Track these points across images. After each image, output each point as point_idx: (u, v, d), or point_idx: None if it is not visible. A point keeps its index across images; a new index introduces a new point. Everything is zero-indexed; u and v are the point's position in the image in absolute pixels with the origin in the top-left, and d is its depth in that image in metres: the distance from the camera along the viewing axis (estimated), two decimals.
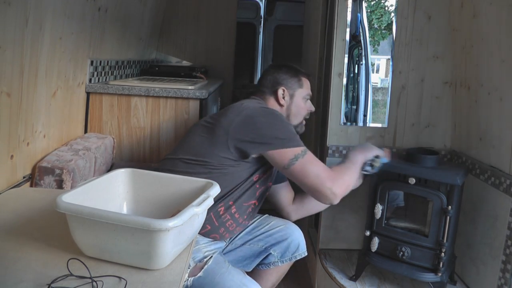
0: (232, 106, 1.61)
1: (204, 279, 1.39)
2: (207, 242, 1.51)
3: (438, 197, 1.71)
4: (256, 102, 1.67)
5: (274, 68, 1.79)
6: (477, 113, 1.89)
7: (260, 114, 1.54)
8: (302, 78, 1.76)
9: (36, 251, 0.99)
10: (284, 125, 1.55)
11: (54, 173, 1.54)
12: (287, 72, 1.75)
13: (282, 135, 1.50)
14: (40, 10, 1.51)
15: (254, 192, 1.59)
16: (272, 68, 1.79)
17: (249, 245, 1.69)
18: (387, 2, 2.35)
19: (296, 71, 1.77)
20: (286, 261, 1.71)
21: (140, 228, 0.88)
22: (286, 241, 1.69)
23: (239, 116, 1.52)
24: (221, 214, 1.52)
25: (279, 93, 1.71)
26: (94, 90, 2.12)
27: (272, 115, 1.56)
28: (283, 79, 1.73)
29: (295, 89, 1.74)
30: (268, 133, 1.49)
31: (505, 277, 1.61)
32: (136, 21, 2.80)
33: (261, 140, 1.48)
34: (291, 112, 1.73)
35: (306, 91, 1.77)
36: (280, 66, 1.78)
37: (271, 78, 1.74)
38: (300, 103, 1.74)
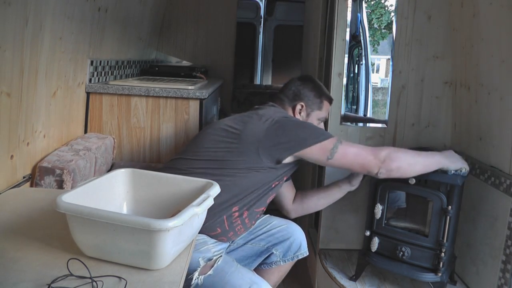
0: (255, 113, 1.63)
1: (214, 277, 1.40)
2: (214, 242, 1.52)
3: (438, 197, 1.71)
4: (277, 110, 1.69)
5: (301, 81, 1.79)
6: (477, 113, 1.89)
7: (288, 118, 1.61)
8: (324, 101, 1.78)
9: (36, 251, 0.99)
10: (311, 125, 1.63)
11: (54, 173, 1.54)
12: (312, 90, 1.76)
13: (313, 132, 1.56)
14: (40, 10, 1.51)
15: (266, 199, 1.64)
16: (299, 80, 1.80)
17: (251, 244, 1.70)
18: (387, 2, 2.35)
19: (320, 92, 1.78)
20: (288, 261, 1.72)
21: (140, 228, 0.88)
22: (288, 241, 1.70)
23: (268, 123, 1.55)
24: (233, 220, 1.55)
25: (297, 108, 1.74)
26: (94, 90, 2.12)
27: (297, 120, 1.64)
28: (306, 96, 1.75)
29: (314, 109, 1.76)
30: (300, 133, 1.55)
31: (505, 277, 1.61)
32: (136, 21, 2.80)
33: (297, 141, 1.52)
34: None
35: (323, 114, 1.79)
36: (307, 81, 1.79)
37: (295, 90, 1.76)
38: (314, 122, 1.76)
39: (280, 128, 1.54)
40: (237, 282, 1.39)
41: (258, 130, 1.54)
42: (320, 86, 1.80)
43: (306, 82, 1.78)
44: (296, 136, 1.53)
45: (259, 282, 1.43)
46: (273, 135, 1.53)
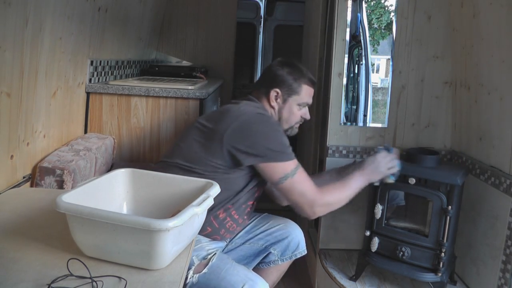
0: (228, 110, 1.55)
1: (209, 275, 1.40)
2: (208, 241, 1.52)
3: (438, 197, 1.71)
4: (253, 105, 1.59)
5: (279, 65, 1.66)
6: (477, 113, 1.89)
7: (256, 121, 1.49)
8: (303, 85, 1.64)
9: (36, 251, 0.99)
10: (278, 136, 1.49)
11: (55, 174, 1.54)
12: (289, 74, 1.63)
13: (275, 147, 1.46)
14: (40, 10, 1.51)
15: (252, 194, 1.60)
16: (276, 65, 1.67)
17: (249, 244, 1.69)
18: (387, 2, 2.35)
19: (299, 75, 1.64)
20: (286, 260, 1.71)
21: (140, 228, 0.88)
22: (286, 240, 1.69)
23: (235, 122, 1.47)
24: (220, 217, 1.53)
25: (271, 95, 1.62)
26: (94, 90, 2.12)
27: (267, 123, 1.51)
28: (281, 80, 1.62)
29: (291, 94, 1.63)
30: (261, 143, 1.45)
31: (505, 277, 1.61)
32: (136, 21, 2.80)
33: (254, 151, 1.44)
34: (282, 116, 1.65)
35: (303, 99, 1.65)
36: (284, 64, 1.66)
37: (271, 75, 1.64)
38: (292, 109, 1.64)
39: (246, 131, 1.46)
40: (232, 279, 1.39)
41: (225, 127, 1.46)
42: (298, 68, 1.65)
43: (283, 65, 1.65)
44: (255, 146, 1.44)
45: (254, 278, 1.42)
46: (237, 136, 1.45)
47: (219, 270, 1.41)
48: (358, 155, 2.15)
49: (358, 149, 2.16)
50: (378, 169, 1.64)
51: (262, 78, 1.70)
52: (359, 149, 2.16)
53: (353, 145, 2.16)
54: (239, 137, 1.45)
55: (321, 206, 1.53)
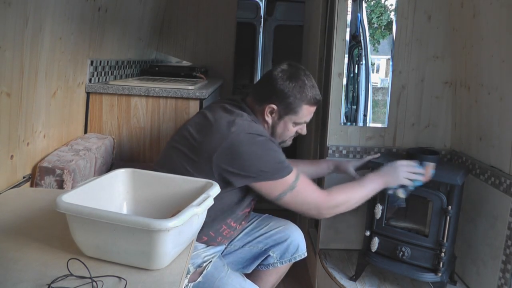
0: (219, 124, 1.42)
1: (203, 284, 1.39)
2: (205, 247, 1.50)
3: (438, 197, 1.71)
4: (245, 119, 1.45)
5: (282, 75, 1.48)
6: (477, 113, 1.89)
7: (246, 143, 1.37)
8: (304, 106, 1.49)
9: (36, 251, 0.99)
10: (270, 155, 1.40)
11: (55, 173, 1.54)
12: (291, 90, 1.47)
13: (268, 168, 1.38)
14: (40, 10, 1.51)
15: (249, 202, 1.57)
16: (280, 75, 1.49)
17: (248, 247, 1.68)
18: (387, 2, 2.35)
19: (302, 93, 1.48)
20: (285, 262, 1.70)
21: (140, 228, 0.88)
22: (285, 243, 1.68)
23: (224, 143, 1.37)
24: (217, 227, 1.50)
25: (266, 110, 1.49)
26: (94, 90, 2.12)
27: (258, 144, 1.39)
28: (280, 96, 1.47)
29: (288, 113, 1.50)
30: (253, 165, 1.37)
31: (505, 277, 1.61)
32: (136, 21, 2.80)
33: (247, 173, 1.37)
34: (275, 131, 1.54)
35: (301, 119, 1.53)
36: (288, 77, 1.48)
37: (270, 86, 1.49)
38: (288, 126, 1.53)
39: (236, 154, 1.36)
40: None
41: (214, 146, 1.37)
42: (303, 84, 1.48)
43: (287, 78, 1.48)
44: (247, 168, 1.37)
45: (248, 287, 1.42)
46: (227, 158, 1.36)
47: (213, 279, 1.40)
48: (358, 155, 2.15)
49: (358, 149, 2.16)
50: (397, 173, 1.59)
51: (261, 86, 1.55)
52: (359, 149, 2.16)
53: (353, 145, 2.16)
54: (229, 159, 1.36)
55: (328, 209, 1.50)
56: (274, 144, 1.46)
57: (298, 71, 1.51)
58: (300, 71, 1.51)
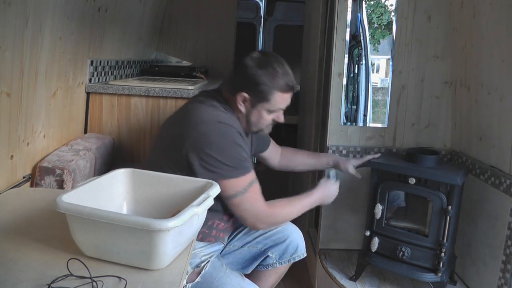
0: (190, 113, 1.43)
1: (202, 284, 1.39)
2: (203, 246, 1.49)
3: (438, 197, 1.71)
4: (217, 108, 1.45)
5: (254, 63, 1.45)
6: (477, 113, 1.89)
7: (214, 132, 1.38)
8: (276, 92, 1.45)
9: (36, 251, 0.99)
10: (233, 150, 1.39)
11: (55, 173, 1.54)
12: (262, 77, 1.43)
13: (229, 161, 1.36)
14: (40, 10, 1.51)
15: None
16: (251, 63, 1.46)
17: (247, 247, 1.68)
18: (387, 2, 2.35)
19: (274, 80, 1.44)
20: (284, 263, 1.69)
21: (140, 228, 0.88)
22: (284, 243, 1.67)
23: (194, 132, 1.38)
24: (209, 223, 1.49)
25: (238, 99, 1.46)
26: (94, 90, 2.12)
27: (225, 135, 1.39)
28: (252, 83, 1.44)
29: (260, 100, 1.46)
30: (216, 157, 1.36)
31: (505, 277, 1.61)
32: (136, 21, 2.80)
33: (209, 166, 1.36)
34: (250, 120, 1.50)
35: (273, 107, 1.48)
36: (259, 64, 1.45)
37: (242, 74, 1.46)
38: (262, 114, 1.49)
39: (203, 143, 1.36)
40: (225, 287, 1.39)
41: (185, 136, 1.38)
42: (274, 70, 1.44)
43: (258, 66, 1.44)
44: (214, 159, 1.35)
45: (248, 287, 1.42)
46: (196, 148, 1.36)
47: (211, 279, 1.40)
48: (358, 155, 2.15)
49: (358, 149, 2.16)
50: (333, 196, 1.70)
51: (234, 74, 1.52)
52: (359, 149, 2.16)
53: (353, 145, 2.16)
54: (197, 148, 1.37)
55: (265, 223, 1.50)
56: (241, 138, 1.45)
57: (270, 58, 1.49)
58: (271, 59, 1.49)
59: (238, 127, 1.45)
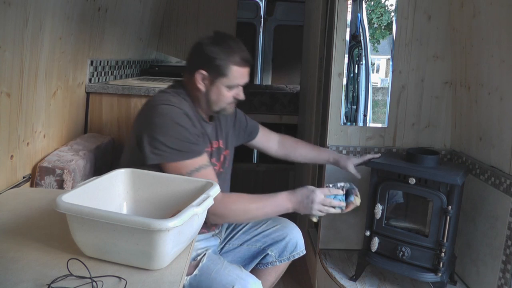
0: (147, 101, 1.47)
1: (200, 276, 1.39)
2: (198, 239, 1.49)
3: (438, 197, 1.71)
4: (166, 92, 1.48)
5: (208, 41, 1.46)
6: (477, 113, 1.89)
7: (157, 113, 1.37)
8: (232, 67, 1.44)
9: (36, 251, 0.99)
10: (176, 130, 1.36)
11: (55, 173, 1.54)
12: (217, 53, 1.44)
13: (173, 144, 1.34)
14: (40, 10, 1.51)
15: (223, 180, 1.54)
16: (206, 41, 1.47)
17: (246, 245, 1.68)
18: (387, 2, 2.35)
19: (229, 54, 1.44)
20: (284, 261, 1.70)
21: (140, 228, 0.88)
22: (283, 241, 1.68)
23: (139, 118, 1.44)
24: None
25: (197, 77, 1.45)
26: (94, 90, 2.12)
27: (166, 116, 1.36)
28: (208, 60, 1.44)
29: (217, 76, 1.45)
30: (160, 139, 1.34)
31: (505, 277, 1.61)
32: (136, 21, 2.80)
33: (155, 150, 1.34)
34: (210, 99, 1.48)
35: (232, 81, 1.46)
36: (213, 41, 1.47)
37: (197, 54, 1.47)
38: (221, 91, 1.47)
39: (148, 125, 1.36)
40: (223, 279, 1.38)
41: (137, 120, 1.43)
42: (228, 46, 1.46)
43: (212, 43, 1.46)
44: (158, 141, 1.33)
45: (245, 277, 1.40)
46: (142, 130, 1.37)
47: (209, 271, 1.40)
48: (358, 155, 2.15)
49: (358, 149, 2.16)
50: (310, 206, 1.44)
51: (190, 56, 1.52)
52: (359, 149, 2.16)
53: (353, 145, 2.16)
54: (142, 131, 1.37)
55: (215, 215, 1.37)
56: (188, 119, 1.41)
57: (224, 36, 1.51)
58: (226, 36, 1.51)
59: (186, 109, 1.42)
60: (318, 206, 1.44)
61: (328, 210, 1.46)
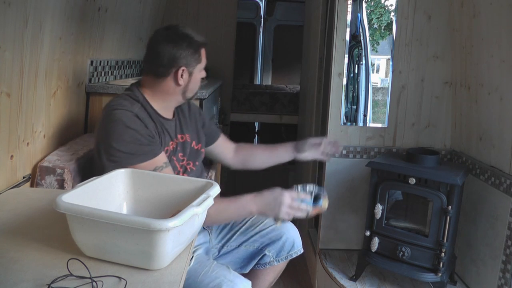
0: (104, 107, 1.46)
1: (187, 279, 1.38)
2: None
3: (438, 197, 1.71)
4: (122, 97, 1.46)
5: (172, 42, 1.47)
6: (477, 113, 1.89)
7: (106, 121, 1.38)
8: (201, 50, 1.54)
9: (36, 251, 0.99)
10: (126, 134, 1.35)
11: (55, 173, 1.54)
12: (188, 47, 1.48)
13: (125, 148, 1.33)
14: (40, 10, 1.51)
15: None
16: (169, 42, 1.47)
17: (244, 246, 1.68)
18: (387, 2, 2.35)
19: (196, 44, 1.51)
20: (281, 260, 1.69)
21: (140, 228, 0.88)
22: (280, 240, 1.67)
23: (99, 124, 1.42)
24: None
25: (179, 74, 1.47)
26: (94, 90, 2.12)
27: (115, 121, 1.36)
28: (184, 57, 1.47)
29: (195, 66, 1.51)
30: (113, 145, 1.33)
31: (505, 277, 1.61)
32: (136, 21, 2.80)
33: (110, 157, 1.34)
34: (187, 89, 1.52)
35: (203, 64, 1.56)
36: (178, 40, 1.48)
37: (169, 55, 1.46)
38: (197, 77, 1.54)
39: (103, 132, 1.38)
40: (211, 281, 1.37)
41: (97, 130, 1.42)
42: (188, 36, 1.50)
43: (178, 41, 1.48)
44: (113, 148, 1.33)
45: (233, 279, 1.39)
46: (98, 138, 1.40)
47: (196, 274, 1.39)
48: (358, 155, 2.15)
49: (358, 149, 2.16)
50: (277, 209, 1.42)
51: (157, 60, 1.49)
52: (359, 149, 2.16)
53: (353, 145, 2.16)
54: (97, 140, 1.40)
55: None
56: (140, 121, 1.40)
57: (176, 28, 1.52)
58: (178, 28, 1.52)
59: (137, 110, 1.41)
60: (286, 209, 1.42)
61: (295, 213, 1.43)
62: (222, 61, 3.63)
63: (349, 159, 2.15)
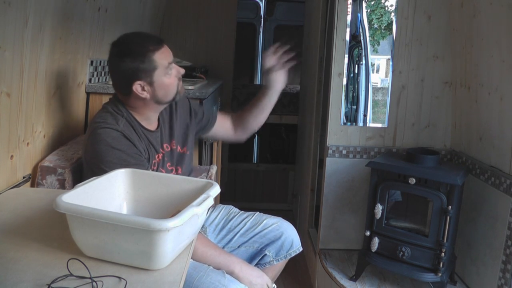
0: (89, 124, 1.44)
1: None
2: None
3: (438, 197, 1.71)
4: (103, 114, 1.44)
5: (118, 58, 1.42)
6: (477, 113, 1.89)
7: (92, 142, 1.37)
8: (153, 56, 1.40)
9: (36, 251, 0.99)
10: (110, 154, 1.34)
11: (56, 173, 1.54)
12: (134, 60, 1.38)
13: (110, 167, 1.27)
14: (40, 10, 1.51)
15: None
16: (116, 60, 1.42)
17: (244, 247, 1.69)
18: (387, 2, 2.35)
19: (142, 53, 1.40)
20: (281, 259, 1.71)
21: (140, 228, 0.88)
22: (279, 240, 1.69)
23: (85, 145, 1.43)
24: None
25: (138, 91, 1.41)
26: (94, 90, 2.12)
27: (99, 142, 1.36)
28: (133, 71, 1.39)
29: (152, 74, 1.40)
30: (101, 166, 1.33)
31: (505, 277, 1.61)
32: (136, 21, 2.80)
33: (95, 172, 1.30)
34: (158, 96, 1.45)
35: (164, 65, 1.43)
36: (122, 55, 1.41)
37: (120, 75, 1.43)
38: (164, 82, 1.44)
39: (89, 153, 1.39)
40: (205, 287, 1.38)
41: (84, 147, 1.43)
42: (134, 48, 1.41)
43: (122, 57, 1.40)
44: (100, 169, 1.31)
45: (228, 284, 1.40)
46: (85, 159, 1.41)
47: (191, 279, 1.39)
48: (358, 155, 2.15)
49: (358, 149, 2.16)
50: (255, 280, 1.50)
51: (113, 78, 1.50)
52: (359, 149, 2.16)
53: (353, 145, 2.16)
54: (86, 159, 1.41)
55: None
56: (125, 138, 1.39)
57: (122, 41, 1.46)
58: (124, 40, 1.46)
59: (123, 127, 1.40)
60: (259, 286, 1.49)
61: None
62: (222, 61, 3.63)
63: (349, 159, 2.15)
